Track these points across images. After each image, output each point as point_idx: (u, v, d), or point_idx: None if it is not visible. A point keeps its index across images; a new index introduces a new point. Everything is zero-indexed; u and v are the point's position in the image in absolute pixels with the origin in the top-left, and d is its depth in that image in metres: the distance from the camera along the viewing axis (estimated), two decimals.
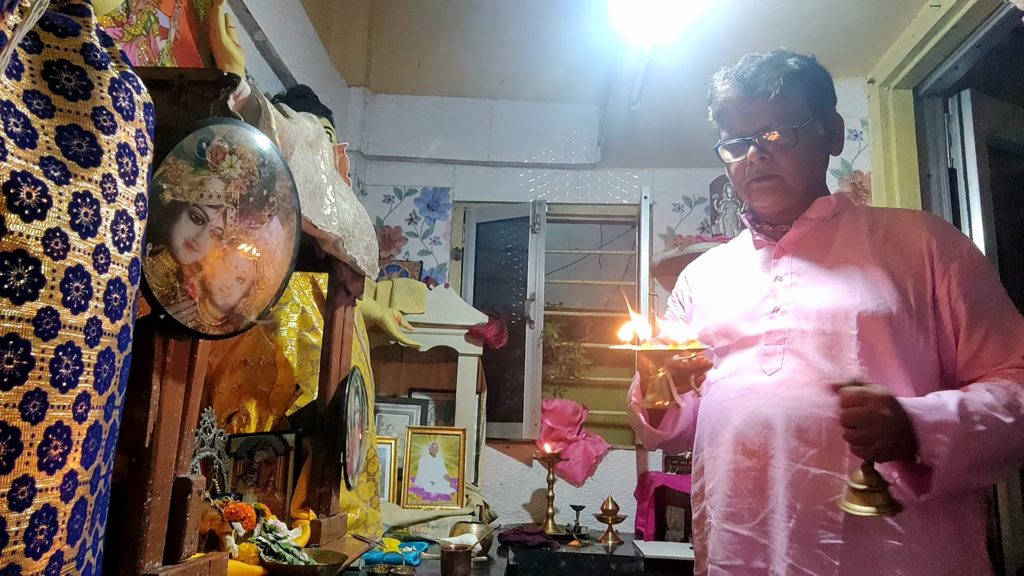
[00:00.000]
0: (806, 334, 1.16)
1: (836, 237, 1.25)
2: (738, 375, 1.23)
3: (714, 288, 1.37)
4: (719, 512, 1.20)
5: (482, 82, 3.22)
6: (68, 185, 0.63)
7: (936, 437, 0.98)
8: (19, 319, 0.58)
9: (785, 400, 1.14)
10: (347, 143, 2.11)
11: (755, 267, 1.31)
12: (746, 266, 1.34)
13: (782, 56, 1.26)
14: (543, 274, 3.07)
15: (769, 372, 1.18)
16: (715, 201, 3.04)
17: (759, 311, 1.24)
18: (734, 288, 1.32)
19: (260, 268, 0.97)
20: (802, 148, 1.23)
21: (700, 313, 1.37)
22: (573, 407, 2.98)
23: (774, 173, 1.24)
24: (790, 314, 1.19)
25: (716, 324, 1.30)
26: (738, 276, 1.34)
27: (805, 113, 1.23)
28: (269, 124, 1.01)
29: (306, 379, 1.70)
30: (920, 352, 1.12)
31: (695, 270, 1.48)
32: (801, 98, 1.24)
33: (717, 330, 1.29)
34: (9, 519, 0.57)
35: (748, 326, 1.24)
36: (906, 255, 1.17)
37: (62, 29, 0.64)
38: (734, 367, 1.24)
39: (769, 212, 1.31)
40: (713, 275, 1.41)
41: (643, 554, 2.26)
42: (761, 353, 1.20)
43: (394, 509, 2.31)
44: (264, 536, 1.17)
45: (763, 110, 1.24)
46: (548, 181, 3.24)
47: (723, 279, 1.37)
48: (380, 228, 3.19)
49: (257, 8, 2.08)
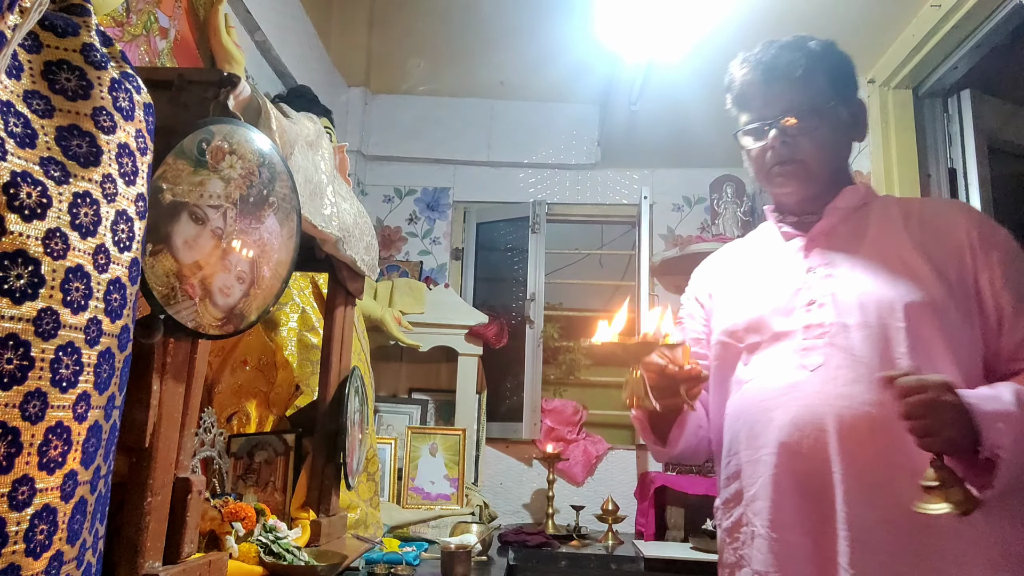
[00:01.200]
0: (848, 328, 1.09)
1: (869, 226, 1.19)
2: (775, 372, 1.15)
3: (737, 283, 1.30)
4: (765, 518, 1.11)
5: (482, 82, 3.22)
6: (68, 185, 0.63)
7: (997, 427, 0.92)
8: (19, 319, 0.58)
9: (833, 398, 1.06)
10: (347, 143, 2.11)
11: (782, 260, 1.24)
12: (771, 259, 1.27)
13: (802, 39, 1.22)
14: (543, 274, 3.07)
15: (811, 368, 1.10)
16: (715, 201, 3.04)
17: (793, 304, 1.17)
18: (761, 282, 1.25)
19: (260, 268, 0.97)
20: (825, 132, 1.19)
21: (723, 310, 1.30)
22: (573, 407, 2.98)
23: (796, 158, 1.19)
24: (828, 307, 1.13)
25: (745, 320, 1.22)
26: (763, 270, 1.27)
27: (828, 96, 1.19)
28: (269, 124, 1.01)
29: (306, 379, 1.70)
30: (967, 344, 1.07)
31: (711, 267, 1.41)
32: (823, 80, 1.19)
33: (746, 326, 1.21)
34: (9, 519, 0.57)
35: (781, 320, 1.17)
36: (946, 244, 1.12)
37: (62, 29, 0.64)
38: (769, 364, 1.17)
39: (792, 200, 1.25)
40: (733, 270, 1.34)
41: (643, 554, 2.26)
42: (799, 348, 1.13)
43: (394, 509, 2.31)
44: (264, 536, 1.18)
45: (784, 92, 1.19)
46: (548, 181, 3.24)
47: (746, 274, 1.30)
48: (380, 228, 3.19)
49: (257, 8, 2.08)
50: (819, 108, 1.18)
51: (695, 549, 2.32)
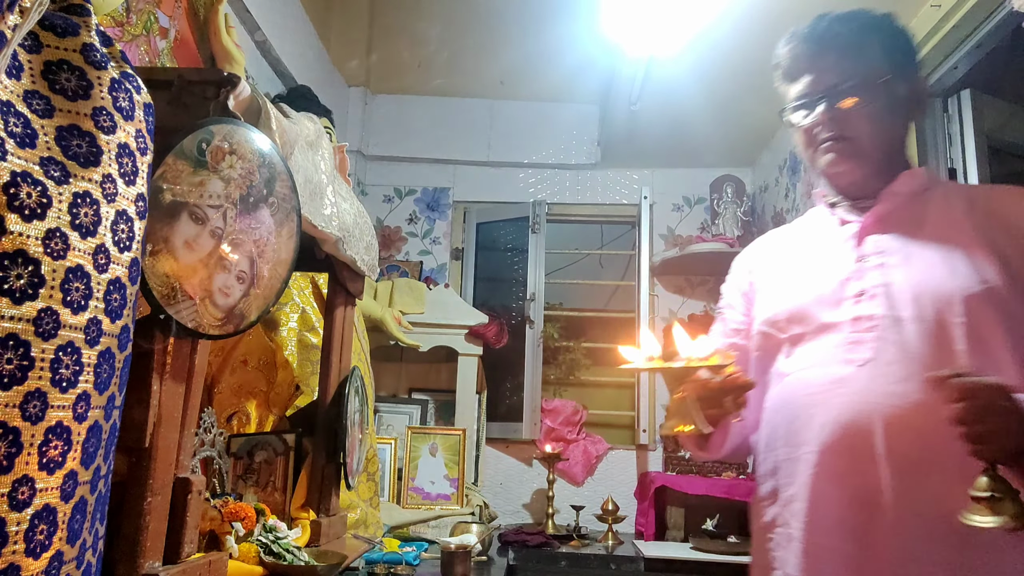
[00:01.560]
0: (901, 321, 1.02)
1: (928, 214, 1.10)
2: (819, 366, 1.08)
3: (781, 271, 1.22)
4: (803, 521, 1.05)
5: (482, 82, 3.22)
6: (68, 185, 0.63)
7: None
8: (19, 319, 0.58)
9: (881, 396, 0.99)
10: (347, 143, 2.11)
11: (832, 247, 1.16)
12: (820, 246, 1.18)
13: (858, 11, 1.14)
14: (543, 274, 3.07)
15: (858, 363, 1.03)
16: (715, 201, 3.04)
17: (841, 295, 1.09)
18: (807, 270, 1.17)
19: (260, 268, 0.97)
20: (880, 108, 1.10)
21: (765, 298, 1.22)
22: (573, 407, 2.98)
23: (847, 135, 1.11)
24: (880, 298, 1.05)
25: (788, 309, 1.14)
26: (811, 257, 1.18)
27: (883, 69, 1.10)
28: (269, 124, 1.01)
29: (306, 379, 1.70)
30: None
31: (754, 254, 1.32)
32: (878, 53, 1.11)
33: (789, 316, 1.14)
34: (9, 519, 0.57)
35: (828, 312, 1.09)
36: (1015, 234, 1.03)
37: (62, 29, 0.64)
38: (813, 357, 1.09)
39: (843, 181, 1.16)
40: (777, 257, 1.26)
41: (643, 554, 2.26)
42: (846, 342, 1.05)
43: (394, 509, 2.31)
44: (264, 536, 1.18)
45: (835, 65, 1.11)
46: (548, 181, 3.24)
47: (791, 261, 1.22)
48: (380, 228, 3.19)
49: (257, 8, 2.08)
50: (873, 82, 1.09)
51: (695, 549, 2.32)
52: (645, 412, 2.92)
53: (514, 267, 3.14)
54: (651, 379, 2.99)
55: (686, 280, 3.10)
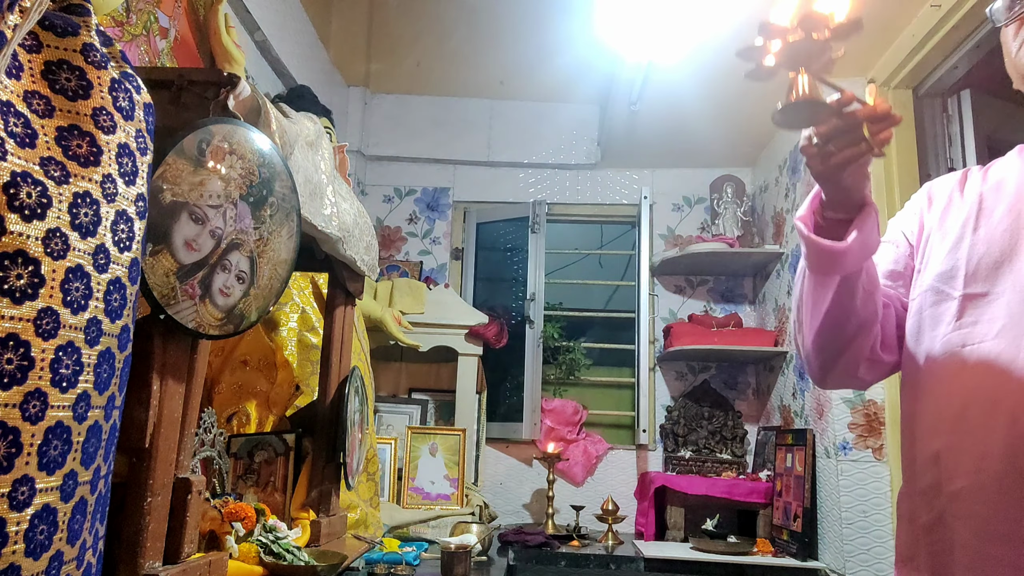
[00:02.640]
0: None
1: None
2: (1008, 339, 0.87)
3: (968, 215, 0.99)
4: (977, 528, 0.87)
5: (482, 82, 3.22)
6: (68, 185, 0.63)
7: None
8: (19, 319, 0.58)
9: None
10: (347, 143, 2.11)
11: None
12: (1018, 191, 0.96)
13: None
14: (543, 274, 3.07)
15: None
16: (715, 201, 3.04)
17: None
18: (1002, 216, 0.95)
19: (260, 268, 0.97)
20: None
21: (939, 247, 1.00)
22: (573, 407, 2.98)
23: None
24: None
25: (971, 262, 0.94)
26: (1008, 201, 0.96)
27: None
28: (269, 124, 1.01)
29: (306, 379, 1.70)
30: None
31: (941, 188, 1.08)
32: None
33: (972, 271, 0.94)
34: (9, 519, 0.57)
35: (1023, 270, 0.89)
36: None
37: (62, 29, 0.64)
38: (999, 323, 0.89)
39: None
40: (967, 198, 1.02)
41: (643, 554, 2.26)
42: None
43: (394, 509, 2.31)
44: (264, 536, 1.18)
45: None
46: (548, 181, 3.24)
47: (984, 204, 0.99)
48: (380, 228, 3.19)
49: (257, 8, 2.08)
50: None
51: (695, 549, 2.32)
52: (645, 412, 2.92)
53: (514, 267, 3.14)
54: (651, 379, 2.99)
55: (686, 280, 3.10)
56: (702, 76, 2.40)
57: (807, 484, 2.26)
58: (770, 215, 2.89)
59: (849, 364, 1.02)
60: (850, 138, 0.85)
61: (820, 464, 2.29)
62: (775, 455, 2.55)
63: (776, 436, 2.59)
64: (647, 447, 2.94)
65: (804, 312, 1.03)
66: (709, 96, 2.53)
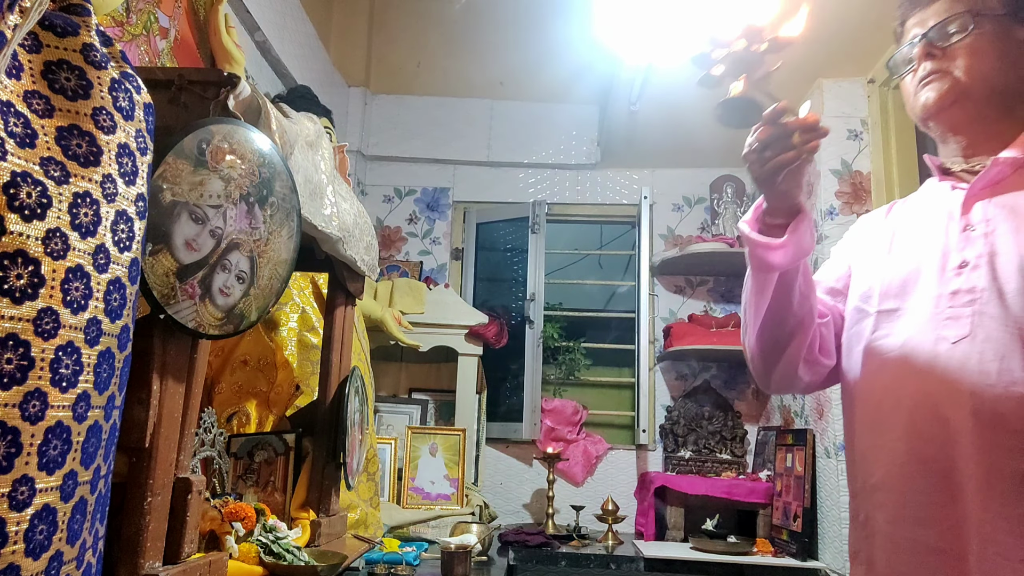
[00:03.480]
0: (1004, 295, 0.92)
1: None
2: (911, 344, 0.98)
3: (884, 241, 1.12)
4: (890, 514, 0.98)
5: (482, 82, 3.22)
6: (68, 185, 0.63)
7: None
8: (19, 319, 0.58)
9: (976, 375, 0.91)
10: (347, 143, 2.11)
11: (938, 216, 1.05)
12: (925, 216, 1.08)
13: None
14: (543, 274, 3.07)
15: (952, 340, 0.94)
16: (715, 201, 3.04)
17: (941, 267, 1.00)
18: (908, 242, 1.07)
19: (260, 268, 0.97)
20: (985, 43, 1.00)
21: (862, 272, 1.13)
22: (573, 407, 2.98)
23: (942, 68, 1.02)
24: (983, 270, 0.95)
25: (883, 283, 1.06)
26: (914, 228, 1.09)
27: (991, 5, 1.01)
28: (269, 124, 1.01)
29: (306, 379, 1.70)
30: None
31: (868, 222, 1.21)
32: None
33: (884, 290, 1.05)
34: (9, 519, 0.57)
35: (925, 285, 1.00)
36: None
37: (62, 29, 0.64)
38: (905, 334, 1.00)
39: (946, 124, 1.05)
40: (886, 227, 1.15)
41: (643, 554, 2.26)
42: (942, 317, 0.96)
43: (394, 509, 2.31)
44: (264, 536, 1.17)
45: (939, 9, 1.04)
46: (548, 181, 3.24)
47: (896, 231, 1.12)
48: (380, 228, 3.19)
49: (257, 8, 2.08)
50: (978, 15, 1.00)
51: (695, 549, 2.33)
52: (645, 412, 2.92)
53: (514, 267, 3.14)
54: (651, 379, 2.99)
55: (686, 280, 3.10)
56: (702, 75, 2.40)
57: (807, 484, 2.26)
58: None
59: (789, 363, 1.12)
60: (782, 145, 0.96)
61: (820, 464, 2.29)
62: (775, 455, 2.55)
63: (776, 436, 2.59)
64: (647, 447, 2.94)
65: (748, 314, 1.15)
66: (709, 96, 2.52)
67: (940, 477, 0.92)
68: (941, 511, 0.92)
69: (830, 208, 2.37)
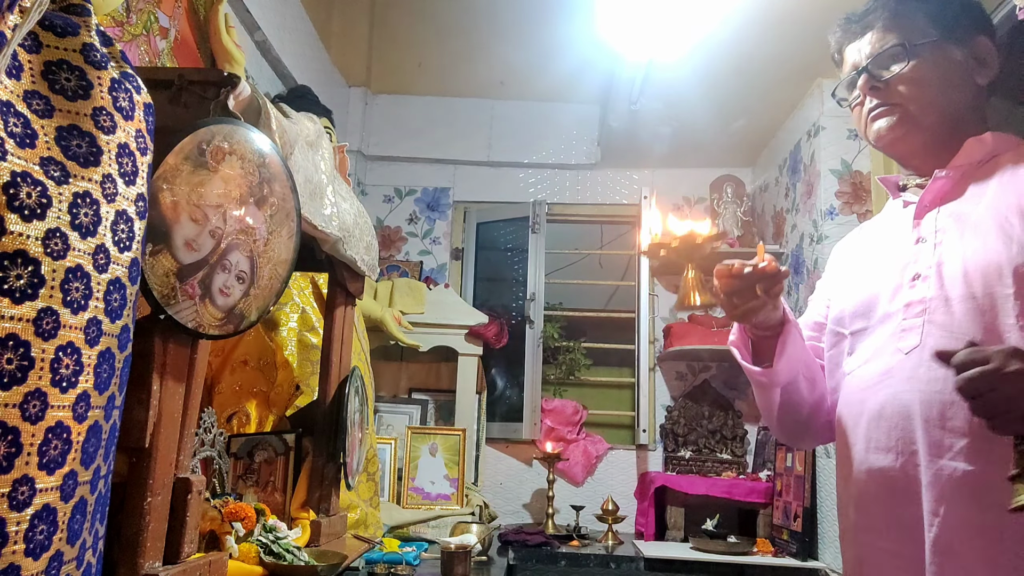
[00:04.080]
0: (950, 301, 0.95)
1: (991, 183, 1.00)
2: (874, 359, 1.03)
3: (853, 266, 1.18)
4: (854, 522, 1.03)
5: (482, 82, 3.22)
6: (68, 185, 0.63)
7: None
8: (19, 319, 0.58)
9: (925, 383, 0.94)
10: (347, 143, 2.11)
11: (895, 233, 1.09)
12: (888, 234, 1.12)
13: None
14: (543, 274, 3.07)
15: (906, 350, 0.98)
16: (715, 201, 3.04)
17: (899, 281, 1.03)
18: (873, 261, 1.12)
19: (260, 268, 0.97)
20: (925, 71, 1.03)
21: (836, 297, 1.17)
22: (573, 407, 2.98)
23: (891, 101, 1.05)
24: (931, 279, 0.98)
25: (853, 304, 1.10)
26: (878, 247, 1.13)
27: (926, 32, 1.04)
28: (269, 124, 1.01)
29: (306, 379, 1.70)
30: None
31: (840, 249, 1.27)
32: (919, 17, 1.05)
33: (854, 311, 1.09)
34: (9, 519, 0.57)
35: (887, 301, 1.04)
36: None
37: (62, 29, 0.64)
38: (871, 350, 1.04)
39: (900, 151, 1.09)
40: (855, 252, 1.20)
41: (643, 554, 2.26)
42: (899, 330, 1.00)
43: (394, 509, 2.31)
44: (264, 536, 1.17)
45: (873, 39, 1.08)
46: (548, 181, 3.24)
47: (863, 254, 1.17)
48: (380, 228, 3.19)
49: (257, 8, 2.08)
50: (915, 45, 1.04)
51: (695, 549, 2.33)
52: (645, 412, 2.92)
53: (514, 267, 3.14)
54: (651, 379, 2.99)
55: None
56: (702, 76, 2.40)
57: (807, 484, 2.26)
58: (770, 215, 2.89)
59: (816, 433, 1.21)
60: (748, 295, 1.05)
61: (820, 464, 2.29)
62: (775, 455, 2.54)
63: None
64: (647, 447, 2.94)
65: (763, 411, 1.22)
66: (709, 96, 2.53)
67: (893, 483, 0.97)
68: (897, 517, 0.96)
69: (830, 208, 2.37)
